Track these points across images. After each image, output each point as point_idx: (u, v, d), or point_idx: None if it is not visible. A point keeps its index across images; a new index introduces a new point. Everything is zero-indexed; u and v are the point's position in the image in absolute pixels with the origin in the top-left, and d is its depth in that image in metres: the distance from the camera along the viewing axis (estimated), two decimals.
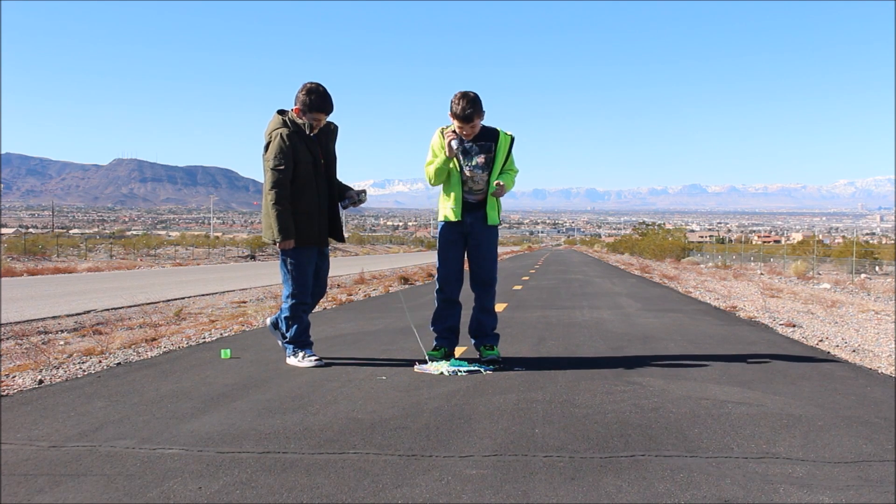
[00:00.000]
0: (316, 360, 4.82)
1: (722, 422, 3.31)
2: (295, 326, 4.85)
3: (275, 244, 4.70)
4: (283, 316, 4.90)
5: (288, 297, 4.83)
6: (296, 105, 4.65)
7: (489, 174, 4.81)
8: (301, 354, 4.86)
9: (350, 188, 5.02)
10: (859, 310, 10.76)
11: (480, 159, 4.82)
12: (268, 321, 5.19)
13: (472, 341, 5.00)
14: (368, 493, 2.39)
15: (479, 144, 4.81)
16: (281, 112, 4.72)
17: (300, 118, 4.65)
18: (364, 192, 5.05)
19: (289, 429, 3.19)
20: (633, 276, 20.49)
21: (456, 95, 4.63)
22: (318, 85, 4.63)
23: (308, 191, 4.67)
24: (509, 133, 4.85)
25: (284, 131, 4.59)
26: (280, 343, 5.02)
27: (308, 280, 4.83)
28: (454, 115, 4.64)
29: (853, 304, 12.42)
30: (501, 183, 4.75)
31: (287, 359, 4.93)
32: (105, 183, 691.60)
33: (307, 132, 4.66)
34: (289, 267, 4.78)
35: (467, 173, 4.83)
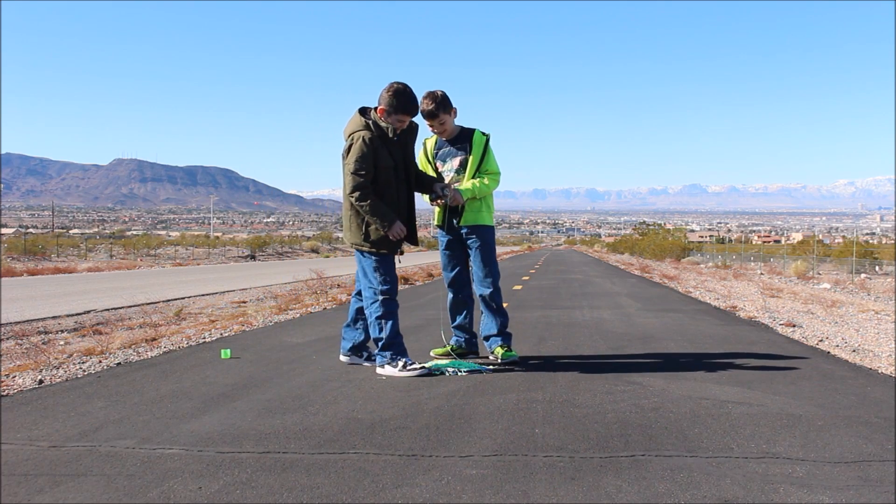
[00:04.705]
0: (420, 367, 4.39)
1: (722, 422, 3.31)
2: (390, 324, 4.40)
3: (352, 246, 4.50)
4: (374, 317, 4.43)
5: (378, 293, 4.42)
6: (380, 105, 4.39)
7: (464, 176, 4.78)
8: (401, 362, 4.37)
9: (436, 181, 4.72)
10: (859, 310, 10.76)
11: (456, 162, 4.81)
12: (342, 358, 4.82)
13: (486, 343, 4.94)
14: (368, 493, 2.39)
15: (456, 147, 4.80)
16: (363, 111, 4.44)
17: (384, 120, 4.39)
18: (448, 187, 4.69)
19: (289, 429, 3.19)
20: (633, 276, 20.48)
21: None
22: (406, 86, 4.40)
23: (388, 197, 4.41)
24: (485, 133, 4.79)
25: (367, 134, 4.32)
26: (363, 362, 4.70)
27: (396, 277, 4.50)
28: (422, 114, 4.60)
29: (853, 303, 12.42)
30: (455, 190, 4.68)
31: (379, 369, 4.44)
32: (105, 183, 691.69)
33: (390, 135, 4.39)
34: (374, 264, 4.43)
35: (446, 179, 4.83)
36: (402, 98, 4.38)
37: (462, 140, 4.79)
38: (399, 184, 4.48)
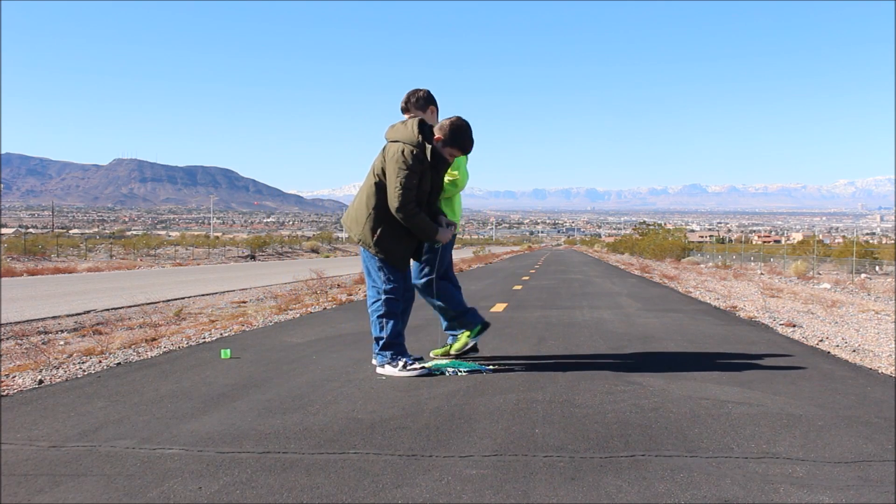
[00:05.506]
0: (421, 367, 4.39)
1: (722, 422, 3.31)
2: (391, 324, 4.40)
3: (359, 242, 4.47)
4: (376, 315, 4.45)
5: (381, 292, 4.42)
6: (438, 133, 4.40)
7: None
8: (402, 362, 4.39)
9: (443, 214, 4.67)
10: (859, 310, 10.76)
11: None
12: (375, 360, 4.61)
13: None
14: (368, 493, 2.39)
15: None
16: (422, 127, 4.35)
17: (440, 147, 4.39)
18: (455, 225, 4.70)
19: (289, 429, 3.19)
20: (633, 276, 20.49)
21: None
22: (468, 124, 4.43)
23: None
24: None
25: (420, 153, 4.28)
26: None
27: (401, 279, 4.49)
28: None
29: (853, 303, 12.42)
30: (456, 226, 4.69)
31: (379, 368, 4.46)
32: (105, 183, 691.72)
33: (442, 165, 4.41)
34: (379, 263, 4.43)
35: None
36: (461, 135, 4.41)
37: None
38: (428, 208, 4.48)
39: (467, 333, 4.80)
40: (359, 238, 4.47)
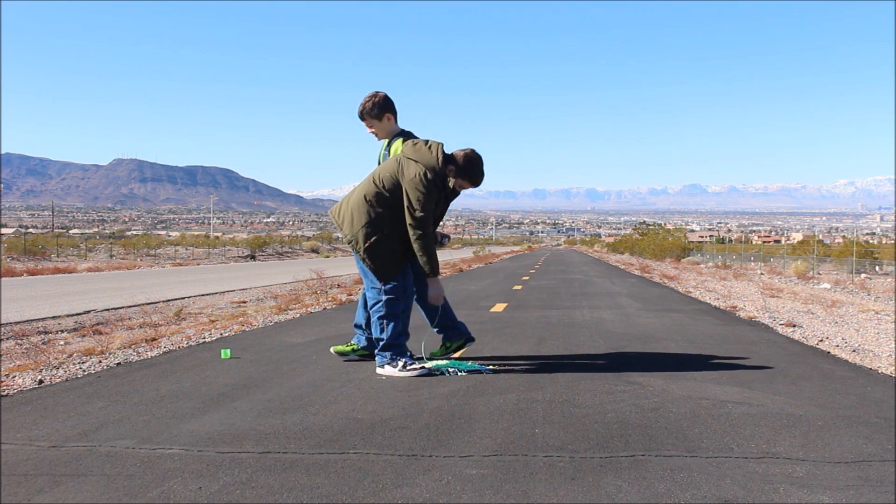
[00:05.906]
0: (420, 367, 4.38)
1: (722, 422, 3.31)
2: (392, 325, 4.41)
3: (349, 243, 4.50)
4: (377, 317, 4.44)
5: (381, 292, 4.43)
6: (450, 163, 4.44)
7: None
8: (401, 363, 4.38)
9: (435, 231, 4.72)
10: (859, 310, 10.76)
11: None
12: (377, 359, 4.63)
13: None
14: (368, 493, 2.39)
15: (388, 151, 4.84)
16: (446, 155, 4.39)
17: (451, 177, 4.44)
18: (448, 237, 4.87)
19: (289, 429, 3.19)
20: (633, 276, 20.49)
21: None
22: (480, 158, 4.47)
23: None
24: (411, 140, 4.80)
25: (438, 180, 4.33)
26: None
27: (401, 277, 4.49)
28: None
29: (853, 303, 12.42)
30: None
31: (379, 369, 4.45)
32: (105, 183, 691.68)
33: (451, 195, 4.48)
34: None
35: None
36: (474, 168, 4.45)
37: (390, 145, 4.81)
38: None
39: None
40: (350, 237, 4.48)
